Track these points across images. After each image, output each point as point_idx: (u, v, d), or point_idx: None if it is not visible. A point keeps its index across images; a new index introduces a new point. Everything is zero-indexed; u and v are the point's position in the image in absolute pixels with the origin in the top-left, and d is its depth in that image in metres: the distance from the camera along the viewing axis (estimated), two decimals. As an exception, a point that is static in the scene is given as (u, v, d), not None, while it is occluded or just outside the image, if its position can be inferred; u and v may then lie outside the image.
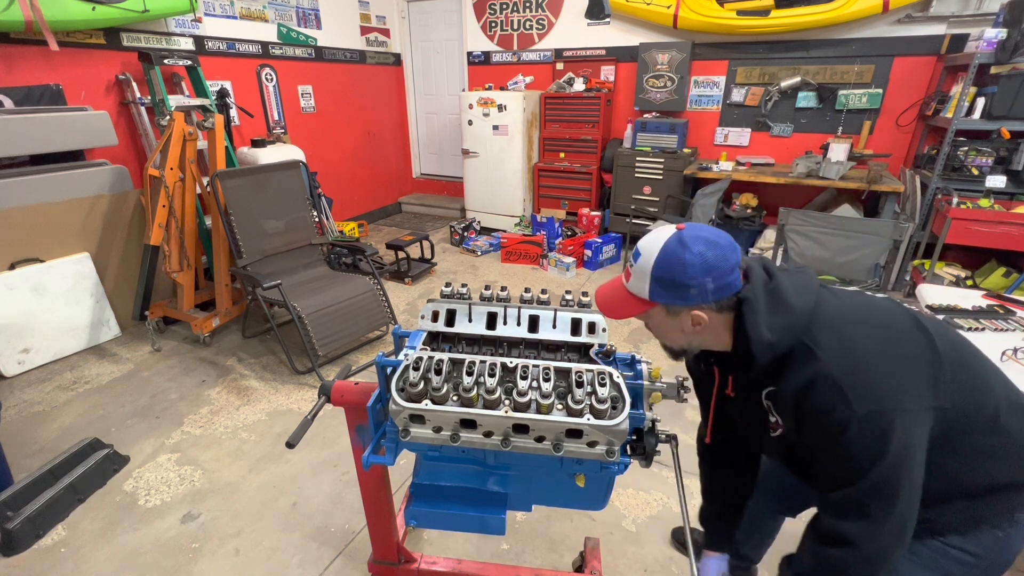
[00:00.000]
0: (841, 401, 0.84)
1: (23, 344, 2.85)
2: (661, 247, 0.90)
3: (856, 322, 0.90)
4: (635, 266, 0.94)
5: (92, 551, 1.83)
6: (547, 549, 1.83)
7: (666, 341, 1.02)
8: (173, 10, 3.39)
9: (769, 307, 0.89)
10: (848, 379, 0.84)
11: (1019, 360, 1.64)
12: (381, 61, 5.66)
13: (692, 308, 0.91)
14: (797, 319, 0.89)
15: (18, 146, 2.78)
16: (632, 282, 0.95)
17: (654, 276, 0.90)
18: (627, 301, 0.97)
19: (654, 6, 4.31)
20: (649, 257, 0.91)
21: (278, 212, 3.13)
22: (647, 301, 0.94)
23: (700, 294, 0.89)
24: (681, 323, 0.94)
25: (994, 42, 3.13)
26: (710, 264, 0.87)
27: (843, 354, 0.86)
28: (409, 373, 1.00)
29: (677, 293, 0.90)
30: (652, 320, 0.99)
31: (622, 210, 4.64)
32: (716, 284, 0.88)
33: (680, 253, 0.88)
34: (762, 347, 0.89)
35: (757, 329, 0.88)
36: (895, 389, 0.84)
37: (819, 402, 0.86)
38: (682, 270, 0.88)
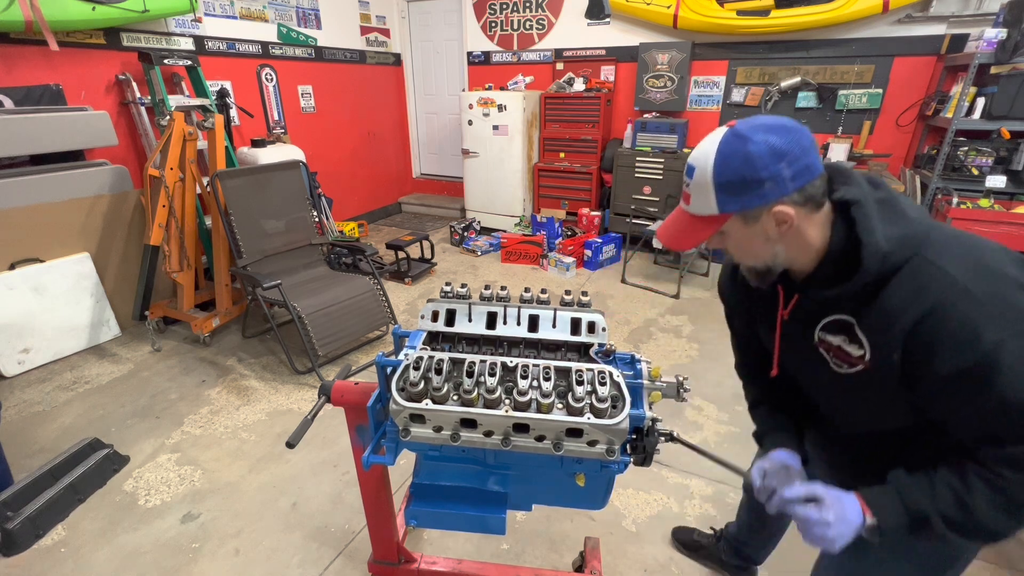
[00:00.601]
0: (986, 320, 0.70)
1: (23, 344, 2.85)
2: (716, 149, 0.78)
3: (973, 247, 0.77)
4: (692, 183, 0.82)
5: (92, 551, 1.83)
6: (547, 549, 1.83)
7: (750, 259, 0.88)
8: (173, 10, 3.39)
9: (883, 214, 0.78)
10: (988, 296, 0.71)
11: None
12: (381, 61, 5.66)
13: (773, 205, 0.78)
14: (915, 232, 0.77)
15: (18, 146, 2.78)
16: (693, 202, 0.83)
17: (717, 184, 0.78)
18: (693, 226, 0.85)
19: (654, 6, 4.31)
20: (705, 165, 0.79)
21: (278, 212, 3.13)
22: (717, 216, 0.81)
23: (777, 186, 0.76)
24: (764, 229, 0.81)
25: (994, 42, 3.12)
26: (779, 149, 0.75)
27: (974, 270, 0.73)
28: (410, 373, 1.00)
29: (750, 193, 0.77)
30: (730, 239, 0.85)
31: (622, 210, 4.64)
32: (793, 170, 0.76)
33: (741, 147, 0.76)
34: (875, 255, 0.76)
35: (874, 235, 0.76)
36: None
37: (954, 325, 0.72)
38: (749, 164, 0.76)
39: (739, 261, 0.92)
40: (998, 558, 1.77)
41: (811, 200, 0.79)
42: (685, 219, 0.86)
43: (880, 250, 0.76)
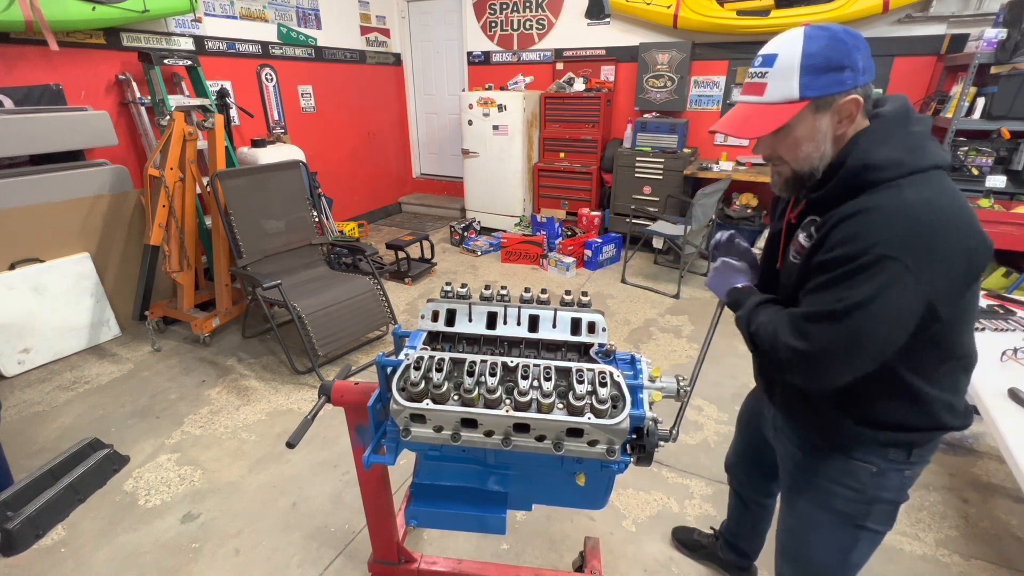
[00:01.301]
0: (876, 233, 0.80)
1: (23, 344, 2.85)
2: (803, 36, 0.85)
3: (956, 199, 0.83)
4: (772, 70, 0.87)
5: (92, 551, 1.83)
6: (547, 549, 1.83)
7: (799, 161, 0.92)
8: (173, 10, 3.39)
9: (899, 139, 0.85)
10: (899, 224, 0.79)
11: (1019, 360, 1.64)
12: (381, 61, 5.66)
13: (847, 94, 0.85)
14: (913, 166, 0.83)
15: (18, 146, 2.78)
16: (771, 89, 0.88)
17: (805, 65, 0.84)
18: (765, 114, 0.89)
19: (654, 6, 4.31)
20: (792, 50, 0.85)
21: (278, 212, 3.13)
22: (796, 102, 0.86)
23: (853, 75, 0.84)
24: (829, 121, 0.87)
25: (994, 42, 3.13)
26: (855, 42, 0.84)
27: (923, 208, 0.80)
28: (410, 372, 1.00)
29: (832, 78, 0.84)
30: (791, 134, 0.89)
31: (622, 210, 4.64)
32: (865, 63, 0.84)
33: (826, 34, 0.84)
34: (858, 162, 0.85)
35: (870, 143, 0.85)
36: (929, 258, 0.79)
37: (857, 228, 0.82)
38: (835, 48, 0.83)
39: (789, 162, 0.94)
40: (998, 558, 1.77)
41: (868, 99, 0.86)
42: (754, 109, 0.90)
43: (864, 159, 0.84)
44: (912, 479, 1.03)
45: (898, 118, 0.88)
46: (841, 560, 1.11)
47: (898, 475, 1.01)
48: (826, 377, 0.89)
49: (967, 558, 1.77)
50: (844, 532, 1.08)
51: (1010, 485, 2.07)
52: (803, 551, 1.17)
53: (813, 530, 1.13)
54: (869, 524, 1.06)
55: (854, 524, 1.07)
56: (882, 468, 1.00)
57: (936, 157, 0.85)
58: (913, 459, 1.00)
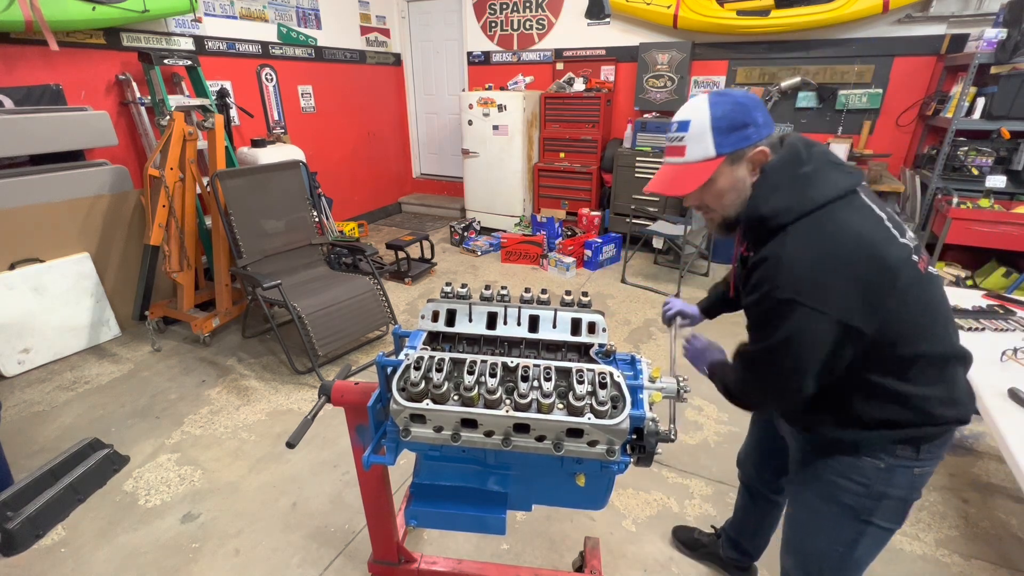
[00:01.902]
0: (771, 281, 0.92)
1: (23, 344, 2.85)
2: (708, 103, 0.97)
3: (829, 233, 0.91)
4: (688, 135, 0.99)
5: (92, 551, 1.83)
6: (547, 549, 1.83)
7: (726, 208, 1.04)
8: (173, 10, 3.39)
9: (788, 185, 0.95)
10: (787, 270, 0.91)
11: (1019, 360, 1.64)
12: (381, 61, 5.66)
13: (754, 147, 0.96)
14: (797, 208, 0.93)
15: (18, 146, 2.78)
16: (689, 151, 0.99)
17: (714, 128, 0.96)
18: (689, 173, 1.01)
19: (654, 6, 4.31)
20: (701, 116, 0.97)
21: (278, 212, 3.13)
22: (713, 159, 0.97)
23: (756, 130, 0.96)
24: (743, 171, 0.99)
25: (994, 42, 3.13)
26: (754, 102, 0.96)
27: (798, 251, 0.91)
28: (410, 372, 1.00)
29: (739, 135, 0.96)
30: (715, 186, 1.01)
31: (622, 210, 4.64)
32: (763, 119, 0.97)
33: (728, 97, 0.97)
34: (754, 218, 0.98)
35: (759, 199, 0.97)
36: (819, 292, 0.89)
37: (759, 275, 0.95)
38: (738, 110, 0.95)
39: (717, 212, 1.06)
40: (998, 558, 1.77)
41: (772, 147, 0.98)
42: (679, 169, 1.03)
43: (756, 212, 0.97)
44: (923, 476, 1.03)
45: (786, 164, 0.96)
46: (844, 553, 1.11)
47: (907, 472, 1.02)
48: (782, 400, 1.06)
49: (967, 558, 1.77)
50: (849, 525, 1.08)
51: (1010, 485, 2.07)
52: (807, 543, 1.18)
53: (818, 522, 1.13)
54: (876, 520, 1.06)
55: (860, 518, 1.07)
56: (891, 464, 1.01)
57: (830, 189, 0.93)
58: (923, 456, 1.00)
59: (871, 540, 1.09)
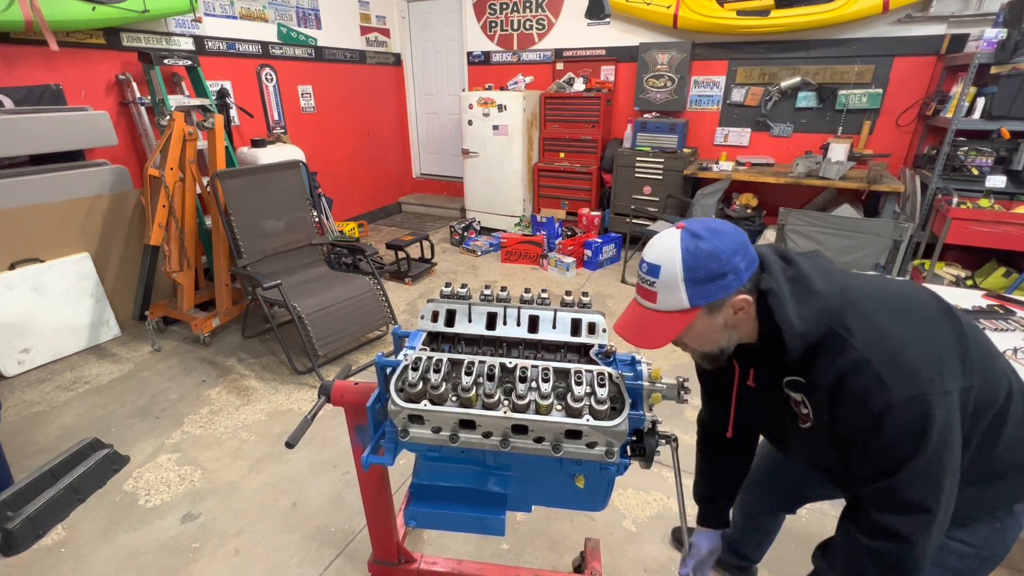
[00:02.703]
0: (879, 388, 0.80)
1: (23, 344, 2.85)
2: (680, 250, 0.85)
3: (883, 305, 0.86)
4: (657, 282, 0.87)
5: (92, 551, 1.83)
6: (547, 549, 1.83)
7: (707, 347, 0.95)
8: (173, 10, 3.39)
9: (795, 295, 0.86)
10: (884, 365, 0.80)
11: (1019, 360, 1.64)
12: (381, 61, 5.66)
13: (733, 295, 0.86)
14: (825, 305, 0.85)
15: (18, 146, 2.78)
16: (661, 300, 0.88)
17: (687, 279, 0.85)
18: (663, 323, 0.89)
19: (654, 6, 4.31)
20: (672, 265, 0.85)
21: (278, 212, 3.13)
22: (688, 311, 0.87)
23: (736, 277, 0.85)
24: (724, 318, 0.89)
25: (994, 42, 3.12)
26: (730, 243, 0.85)
27: (876, 339, 0.82)
28: (408, 373, 1.00)
29: (716, 286, 0.85)
30: (692, 331, 0.91)
31: (622, 210, 4.64)
32: (744, 262, 0.85)
33: (703, 245, 0.84)
34: (794, 337, 0.85)
35: (787, 320, 0.85)
36: (931, 371, 0.80)
37: (856, 391, 0.82)
38: (713, 259, 0.84)
39: (697, 349, 0.97)
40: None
41: (756, 287, 0.88)
42: (652, 316, 0.90)
43: (796, 331, 0.85)
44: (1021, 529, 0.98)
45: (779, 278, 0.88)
46: None
47: (1017, 526, 0.96)
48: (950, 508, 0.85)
49: (967, 558, 1.77)
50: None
51: (1010, 485, 2.06)
52: None
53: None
54: None
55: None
56: (1006, 523, 0.96)
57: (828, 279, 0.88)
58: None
59: None
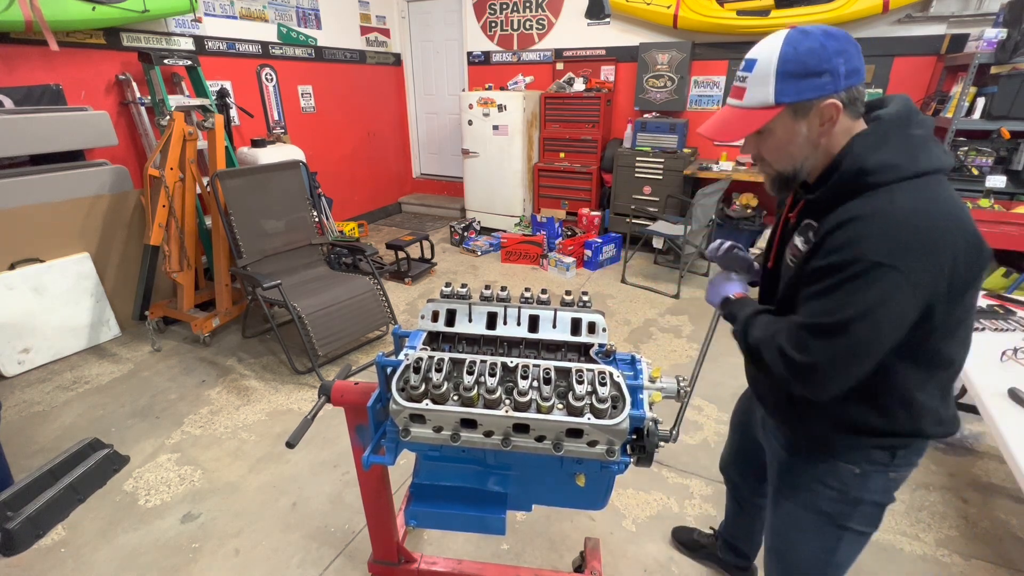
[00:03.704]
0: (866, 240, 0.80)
1: (23, 344, 2.85)
2: (783, 41, 0.85)
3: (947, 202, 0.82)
4: (751, 75, 0.88)
5: (92, 551, 1.83)
6: (547, 549, 1.83)
7: (781, 162, 0.94)
8: (173, 10, 3.39)
9: (897, 143, 0.84)
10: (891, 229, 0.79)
11: (1019, 360, 1.64)
12: (381, 61, 5.66)
13: (825, 98, 0.84)
14: (909, 169, 0.82)
15: (18, 146, 2.78)
16: (749, 94, 0.89)
17: (780, 71, 0.84)
18: (744, 119, 0.91)
19: (654, 6, 4.31)
20: (770, 56, 0.85)
21: (278, 212, 3.13)
22: (772, 107, 0.86)
23: (833, 80, 0.83)
24: (808, 125, 0.88)
25: (994, 42, 3.12)
26: (839, 47, 0.83)
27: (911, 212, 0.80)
28: (409, 373, 1.00)
29: (808, 84, 0.83)
30: (772, 136, 0.91)
31: (622, 210, 4.64)
32: (847, 68, 0.83)
33: (806, 39, 0.83)
34: (853, 165, 0.84)
35: (865, 148, 0.84)
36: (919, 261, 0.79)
37: (850, 234, 0.82)
38: (812, 54, 0.82)
39: (771, 163, 0.96)
40: (998, 558, 1.77)
41: (854, 103, 0.86)
42: (735, 113, 0.93)
43: (860, 163, 0.83)
44: (898, 481, 1.03)
45: (898, 120, 0.87)
46: (825, 560, 1.12)
47: (882, 477, 1.01)
48: (829, 387, 0.88)
49: (967, 558, 1.77)
50: (827, 532, 1.09)
51: (1010, 485, 2.07)
52: (788, 551, 1.18)
53: (797, 530, 1.13)
54: (852, 525, 1.06)
55: (837, 524, 1.07)
56: (865, 470, 1.00)
57: (936, 161, 0.84)
58: (897, 461, 0.99)
59: (849, 545, 1.09)
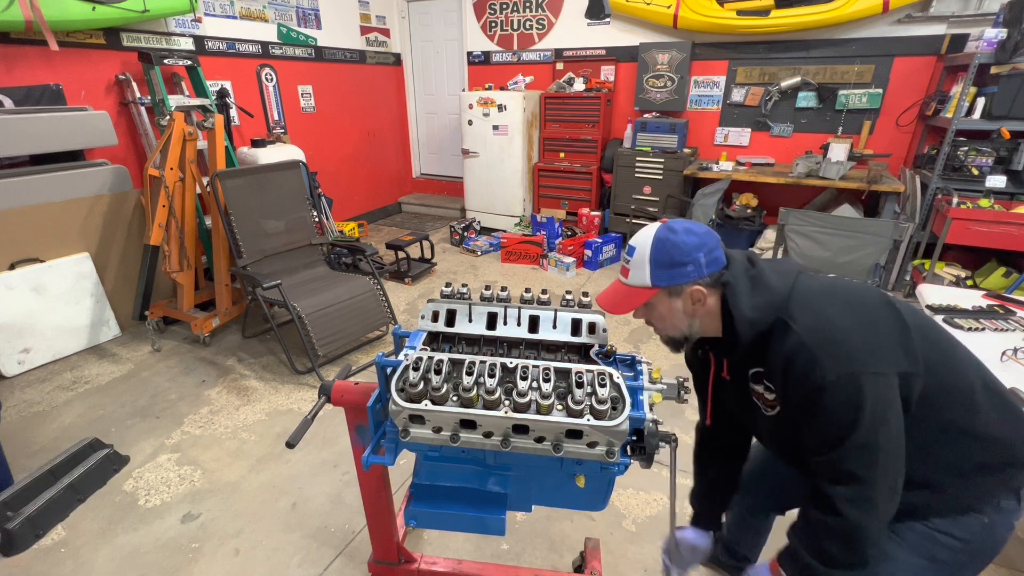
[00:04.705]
0: (815, 367, 0.89)
1: (23, 344, 2.85)
2: (654, 236, 1.00)
3: (828, 298, 0.96)
4: (632, 260, 1.03)
5: (92, 551, 1.83)
6: (547, 549, 1.83)
7: (668, 330, 1.07)
8: (173, 10, 3.39)
9: (750, 289, 0.98)
10: (820, 347, 0.90)
11: (1019, 360, 1.64)
12: (381, 61, 5.66)
13: (691, 284, 0.99)
14: (775, 298, 0.96)
15: (18, 146, 2.78)
16: (632, 276, 1.03)
17: (653, 260, 1.00)
18: (630, 295, 1.04)
19: (654, 6, 4.31)
20: (645, 247, 1.01)
21: (278, 212, 3.13)
22: (649, 288, 1.01)
23: (696, 269, 0.98)
24: (683, 303, 1.02)
25: (994, 42, 3.12)
26: (698, 241, 0.98)
27: (815, 324, 0.92)
28: (409, 373, 1.00)
29: (676, 272, 0.99)
30: (656, 309, 1.05)
31: (622, 210, 4.64)
32: (707, 258, 0.98)
33: (672, 236, 0.99)
34: (744, 324, 0.97)
35: (739, 308, 0.97)
36: (864, 353, 0.88)
37: (797, 371, 0.92)
38: (677, 249, 0.98)
39: (661, 331, 1.10)
40: (998, 558, 1.76)
41: (717, 283, 1.01)
42: (623, 289, 1.06)
43: (746, 318, 0.96)
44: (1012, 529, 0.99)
45: (738, 276, 0.99)
46: None
47: (1007, 524, 0.98)
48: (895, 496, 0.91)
49: (967, 558, 1.77)
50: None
51: (1010, 485, 2.06)
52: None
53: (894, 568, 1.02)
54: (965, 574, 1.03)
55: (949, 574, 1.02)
56: (993, 519, 0.97)
57: (787, 277, 0.98)
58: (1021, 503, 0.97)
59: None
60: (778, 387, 0.98)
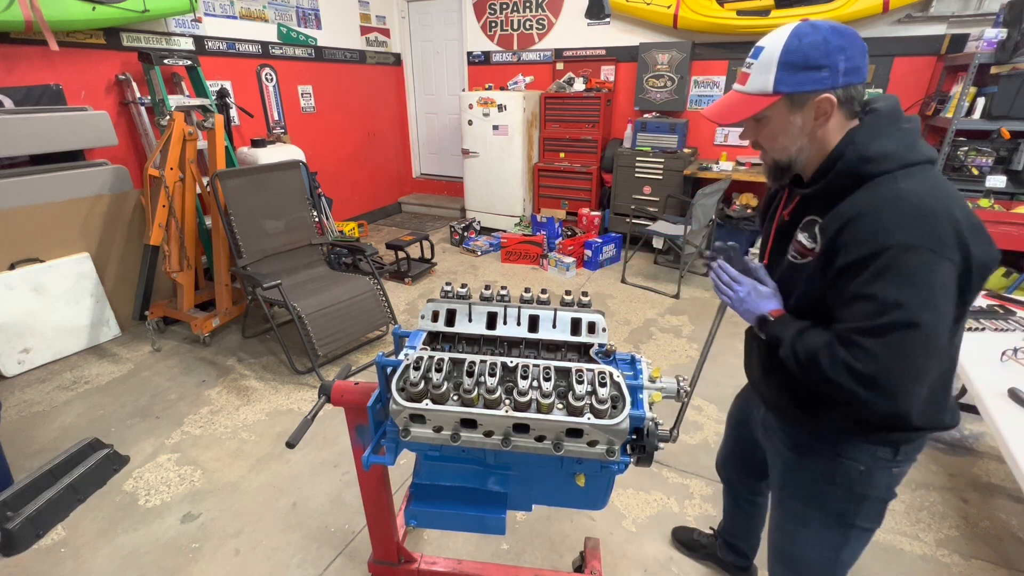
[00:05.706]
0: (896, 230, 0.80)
1: (23, 344, 2.85)
2: (790, 32, 0.87)
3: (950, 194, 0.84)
4: (756, 62, 0.90)
5: (92, 551, 1.83)
6: (547, 549, 1.83)
7: (776, 151, 0.96)
8: (173, 10, 3.39)
9: (891, 133, 0.87)
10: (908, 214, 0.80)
11: (1019, 360, 1.64)
12: (381, 61, 5.66)
13: (821, 93, 0.87)
14: (903, 156, 0.85)
15: (18, 146, 2.78)
16: (752, 80, 0.92)
17: (782, 61, 0.87)
18: (743, 103, 0.93)
19: (654, 6, 4.31)
20: (775, 45, 0.88)
21: (278, 212, 3.13)
22: (770, 95, 0.89)
23: (831, 75, 0.86)
24: (803, 117, 0.90)
25: (994, 42, 3.12)
26: (843, 43, 0.85)
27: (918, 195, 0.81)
28: (409, 372, 1.00)
29: (807, 76, 0.86)
30: (769, 124, 0.94)
31: (622, 210, 4.64)
32: (847, 66, 0.85)
33: (812, 33, 0.85)
34: (854, 155, 0.86)
35: (865, 137, 0.87)
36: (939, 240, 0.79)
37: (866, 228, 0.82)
38: (815, 47, 0.85)
39: (767, 151, 0.99)
40: (998, 558, 1.77)
41: (850, 100, 0.89)
42: (736, 98, 0.95)
43: (861, 153, 0.86)
44: (900, 477, 1.03)
45: (890, 115, 0.90)
46: (832, 558, 1.12)
47: (886, 473, 1.02)
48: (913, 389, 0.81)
49: (967, 558, 1.77)
50: (834, 530, 1.09)
51: (1010, 485, 2.07)
52: (794, 549, 1.18)
53: (804, 528, 1.14)
54: (859, 522, 1.07)
55: (844, 522, 1.08)
56: (870, 467, 1.01)
57: (928, 151, 0.88)
58: (900, 457, 1.00)
59: (856, 542, 1.10)
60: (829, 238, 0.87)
